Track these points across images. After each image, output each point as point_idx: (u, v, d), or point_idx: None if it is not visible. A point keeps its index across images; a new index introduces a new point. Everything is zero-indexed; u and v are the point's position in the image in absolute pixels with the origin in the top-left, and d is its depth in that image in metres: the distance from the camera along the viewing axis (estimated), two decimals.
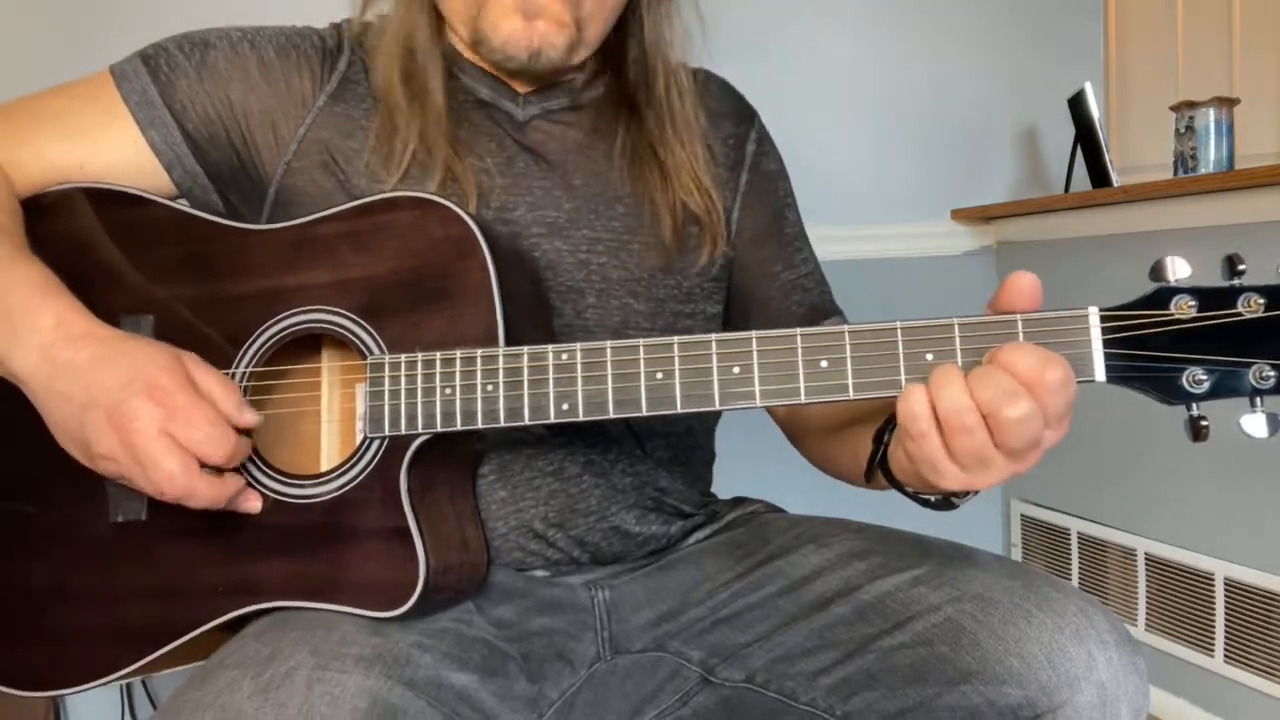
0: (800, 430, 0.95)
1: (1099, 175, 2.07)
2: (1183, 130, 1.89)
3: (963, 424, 0.59)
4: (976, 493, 0.67)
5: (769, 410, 0.95)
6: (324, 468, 0.78)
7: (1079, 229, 2.05)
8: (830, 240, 0.99)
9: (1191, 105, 1.87)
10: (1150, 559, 1.90)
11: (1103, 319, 0.61)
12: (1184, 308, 0.60)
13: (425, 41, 0.86)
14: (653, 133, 0.89)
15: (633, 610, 0.85)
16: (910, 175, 2.28)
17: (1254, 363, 0.60)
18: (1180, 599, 1.84)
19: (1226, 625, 1.74)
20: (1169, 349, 0.61)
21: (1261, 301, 0.59)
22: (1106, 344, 0.61)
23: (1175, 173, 1.91)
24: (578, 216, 0.87)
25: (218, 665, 0.68)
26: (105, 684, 0.80)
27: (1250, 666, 1.70)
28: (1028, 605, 0.67)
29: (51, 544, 0.82)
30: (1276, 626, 1.64)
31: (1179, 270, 0.61)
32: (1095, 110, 2.06)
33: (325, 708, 0.63)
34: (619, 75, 0.92)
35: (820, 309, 0.96)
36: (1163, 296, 0.61)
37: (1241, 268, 0.60)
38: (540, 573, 0.86)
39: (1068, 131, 2.17)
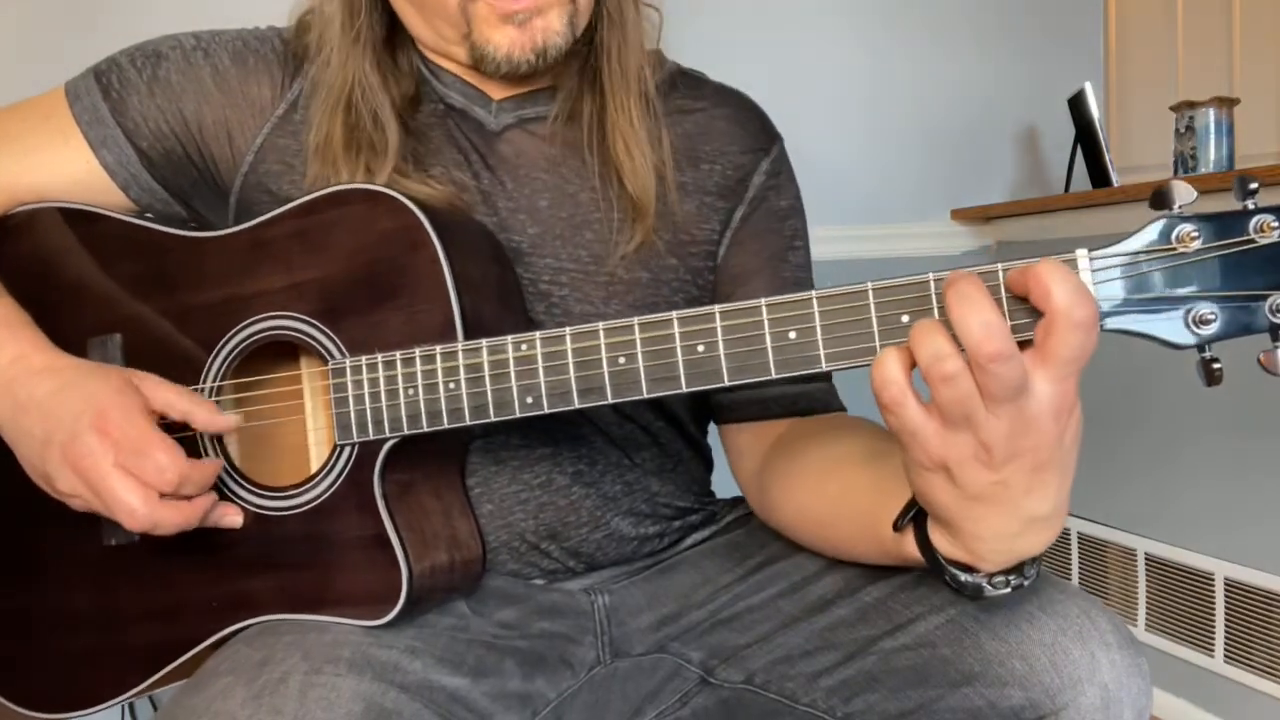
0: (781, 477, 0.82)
1: (1099, 175, 2.07)
2: (1183, 130, 1.89)
3: (944, 372, 0.52)
4: (1027, 580, 0.60)
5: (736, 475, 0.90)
6: None
7: (1079, 229, 2.05)
8: (830, 240, 0.98)
9: (1191, 105, 1.87)
10: (1150, 559, 1.90)
11: (1092, 260, 0.55)
12: (1186, 239, 0.54)
13: (373, 88, 0.80)
14: (610, 108, 0.83)
15: (632, 614, 0.85)
16: (910, 175, 2.28)
17: (1269, 294, 0.53)
18: (1180, 599, 1.83)
19: (1226, 625, 1.73)
20: (1170, 287, 0.54)
21: (1277, 225, 0.53)
22: (1099, 288, 0.55)
23: (1175, 173, 1.91)
24: (541, 243, 0.83)
25: (211, 672, 0.67)
26: (116, 704, 0.81)
27: (1250, 666, 1.69)
28: (1030, 607, 0.66)
29: (52, 570, 0.82)
30: (1276, 626, 1.64)
31: (1183, 196, 0.54)
32: (1095, 110, 2.06)
33: (320, 712, 0.62)
34: (587, 61, 0.86)
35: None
36: (1161, 229, 0.55)
37: (1253, 186, 0.53)
38: (537, 580, 0.86)
39: (1068, 131, 2.17)
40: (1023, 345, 0.55)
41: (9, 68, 1.64)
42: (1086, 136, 2.10)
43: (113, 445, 0.69)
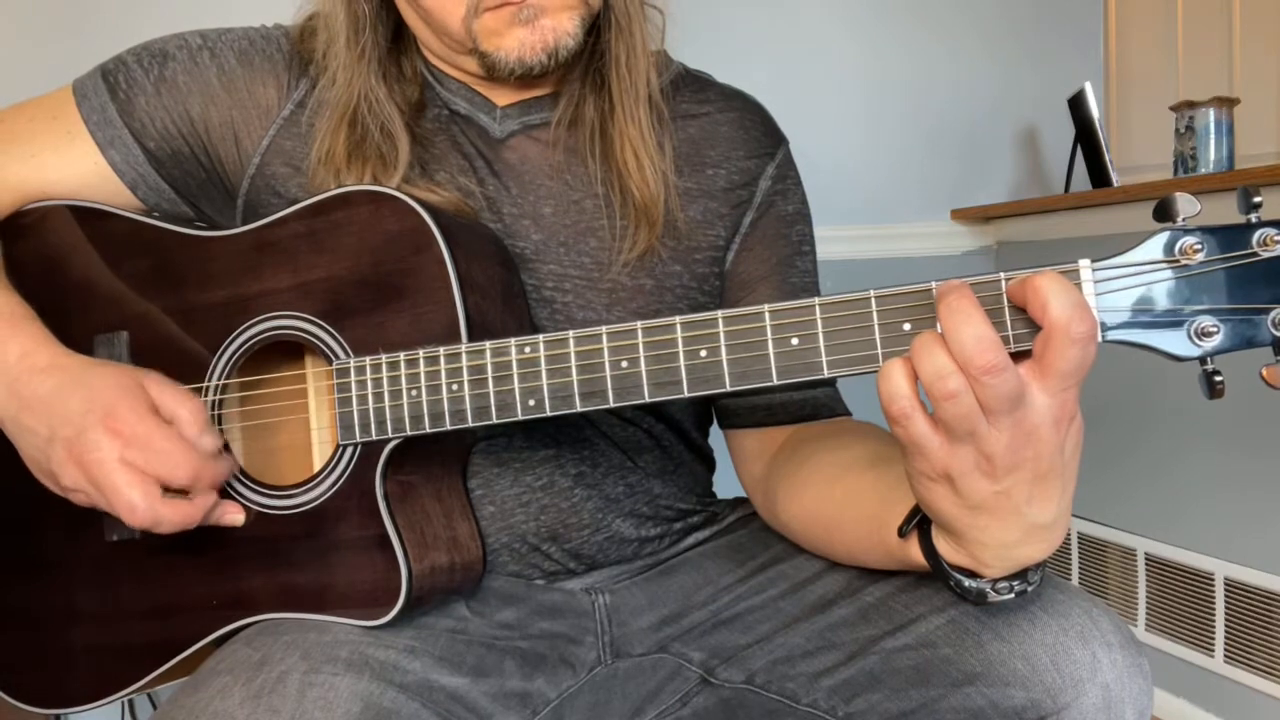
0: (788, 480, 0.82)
1: (1099, 175, 2.07)
2: (1183, 130, 1.88)
3: (946, 390, 0.53)
4: (1030, 586, 0.61)
5: (743, 483, 0.90)
6: None
7: (1079, 229, 2.05)
8: (830, 241, 0.98)
9: (1191, 105, 1.87)
10: (1150, 559, 1.90)
11: (1095, 270, 0.55)
12: (1189, 252, 0.54)
13: (380, 100, 0.80)
14: (618, 116, 0.82)
15: (634, 614, 0.85)
16: (910, 175, 2.28)
17: (1272, 308, 0.53)
18: (1180, 599, 1.83)
19: (1226, 625, 1.73)
20: (1173, 299, 0.54)
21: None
22: (1102, 299, 0.55)
23: (1175, 173, 1.90)
24: (545, 249, 0.83)
25: (210, 671, 0.67)
26: (115, 700, 0.81)
27: (1250, 666, 1.69)
28: (1032, 607, 0.66)
29: (54, 565, 0.82)
30: (1276, 626, 1.64)
31: (1186, 209, 0.54)
32: (1095, 110, 2.06)
33: (319, 713, 0.62)
34: (589, 65, 0.85)
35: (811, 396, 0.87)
36: (1164, 241, 0.55)
37: (1257, 200, 0.53)
38: (538, 581, 0.86)
39: (1068, 131, 2.17)
40: (1025, 355, 0.55)
41: (11, 66, 1.64)
42: (1086, 136, 2.10)
43: (120, 441, 0.69)
